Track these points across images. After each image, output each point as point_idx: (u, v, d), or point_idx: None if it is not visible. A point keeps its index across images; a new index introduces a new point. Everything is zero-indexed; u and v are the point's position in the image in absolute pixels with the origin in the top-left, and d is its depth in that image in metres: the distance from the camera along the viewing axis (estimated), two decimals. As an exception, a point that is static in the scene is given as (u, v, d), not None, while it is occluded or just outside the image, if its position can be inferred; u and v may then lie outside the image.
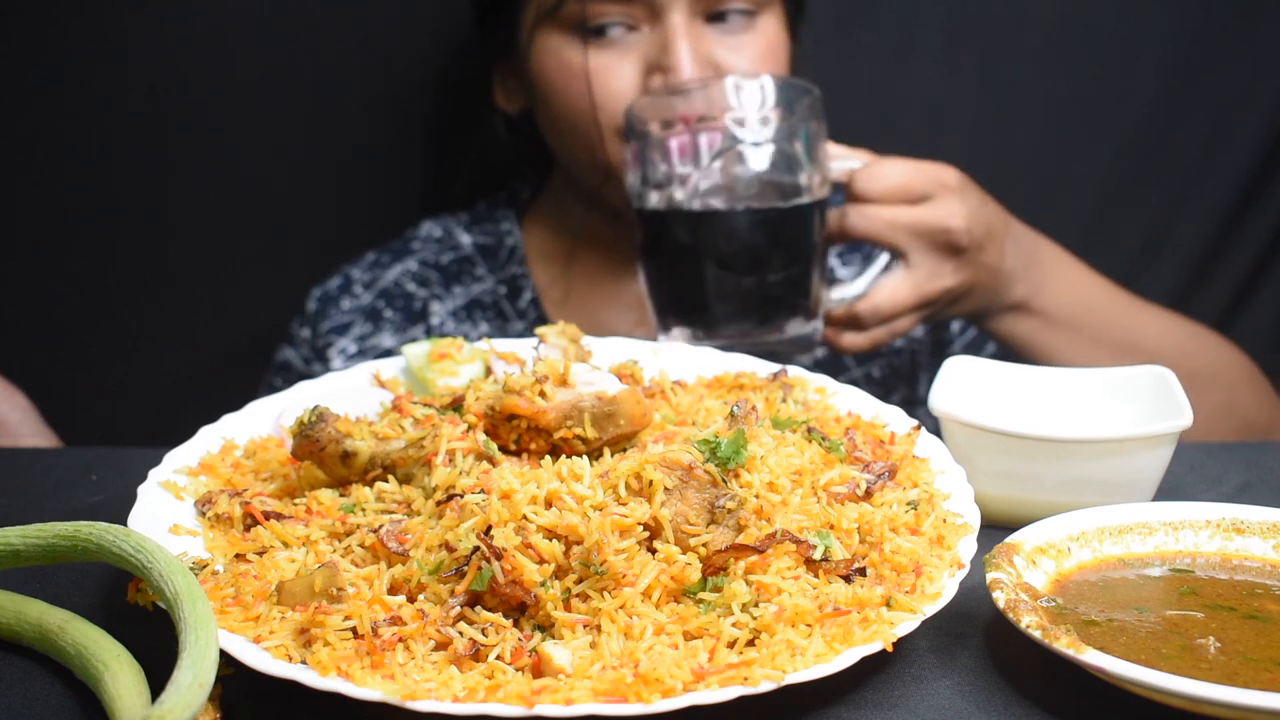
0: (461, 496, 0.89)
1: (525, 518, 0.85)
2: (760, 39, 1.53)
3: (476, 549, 0.83)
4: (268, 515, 0.93)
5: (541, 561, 0.83)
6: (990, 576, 0.87)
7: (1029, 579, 0.89)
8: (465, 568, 0.83)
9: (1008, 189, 1.87)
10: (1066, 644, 0.79)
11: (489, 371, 1.13)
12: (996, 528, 0.98)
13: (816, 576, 0.86)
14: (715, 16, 1.51)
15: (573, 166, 1.62)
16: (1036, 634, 0.80)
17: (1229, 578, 0.92)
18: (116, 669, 0.79)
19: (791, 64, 1.60)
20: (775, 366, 1.18)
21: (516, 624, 0.82)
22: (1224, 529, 0.96)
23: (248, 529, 0.93)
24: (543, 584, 0.82)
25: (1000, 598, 0.84)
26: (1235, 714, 0.75)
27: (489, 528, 0.84)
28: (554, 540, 0.85)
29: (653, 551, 0.86)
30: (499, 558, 0.81)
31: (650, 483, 0.86)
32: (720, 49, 1.51)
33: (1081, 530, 0.94)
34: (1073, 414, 1.15)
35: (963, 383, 1.14)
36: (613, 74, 1.51)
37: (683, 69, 1.46)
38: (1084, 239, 1.78)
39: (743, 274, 1.37)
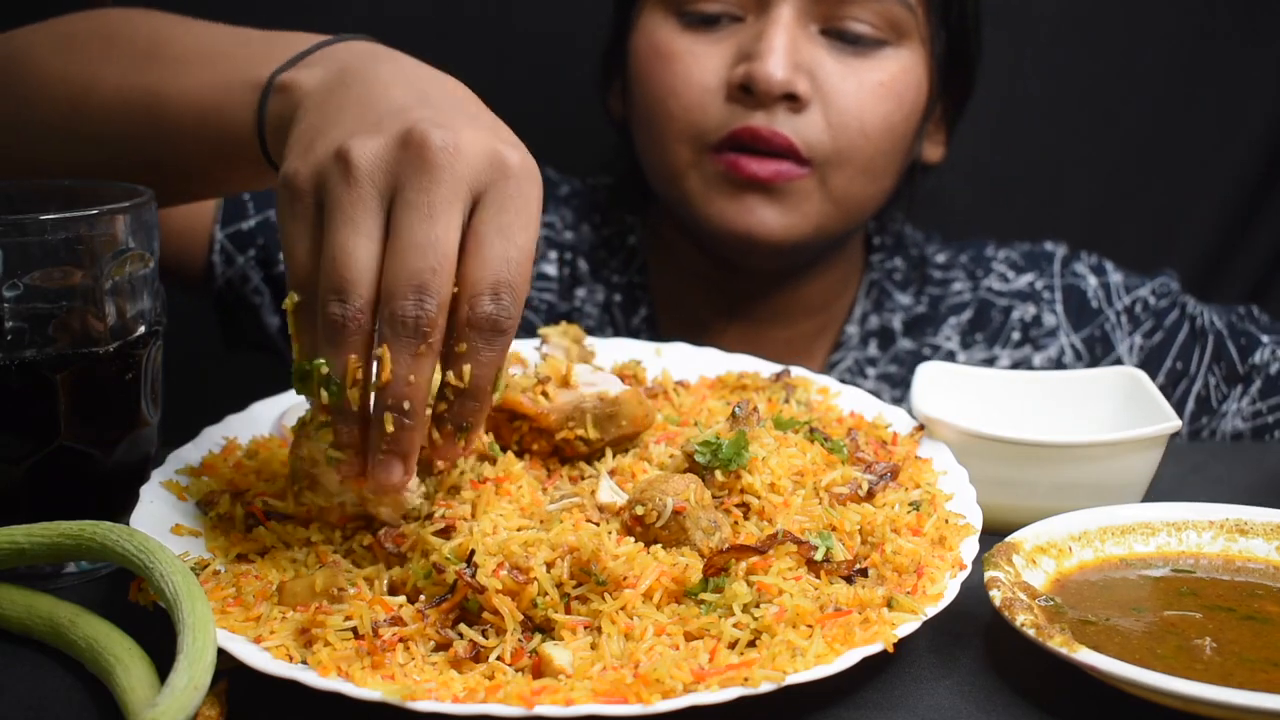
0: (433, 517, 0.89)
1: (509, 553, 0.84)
2: (879, 71, 1.37)
3: (460, 574, 0.83)
4: (269, 515, 0.94)
5: (531, 582, 0.82)
6: (988, 575, 0.87)
7: (1028, 578, 0.89)
8: (450, 596, 0.82)
9: (1013, 185, 1.89)
10: (1060, 643, 0.79)
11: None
12: (988, 533, 0.98)
13: (818, 577, 0.86)
14: (834, 34, 1.37)
15: (649, 174, 1.48)
16: (1030, 632, 0.80)
17: (1230, 579, 0.92)
18: (129, 662, 0.80)
19: (940, 117, 1.47)
20: (778, 367, 1.18)
21: (517, 625, 0.82)
22: (1227, 530, 0.96)
23: (249, 529, 0.93)
24: (534, 604, 0.82)
25: (996, 596, 0.84)
26: (1228, 714, 0.75)
27: (471, 553, 0.84)
28: (546, 549, 0.85)
29: (654, 543, 0.86)
30: (480, 592, 0.81)
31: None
32: (829, 62, 1.36)
33: (1084, 530, 0.94)
34: (1049, 417, 1.16)
35: (939, 388, 1.14)
36: (698, 61, 1.38)
37: (770, 56, 1.32)
38: (1092, 232, 1.78)
39: None
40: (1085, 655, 0.78)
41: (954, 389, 1.16)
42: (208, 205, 1.47)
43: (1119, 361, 1.53)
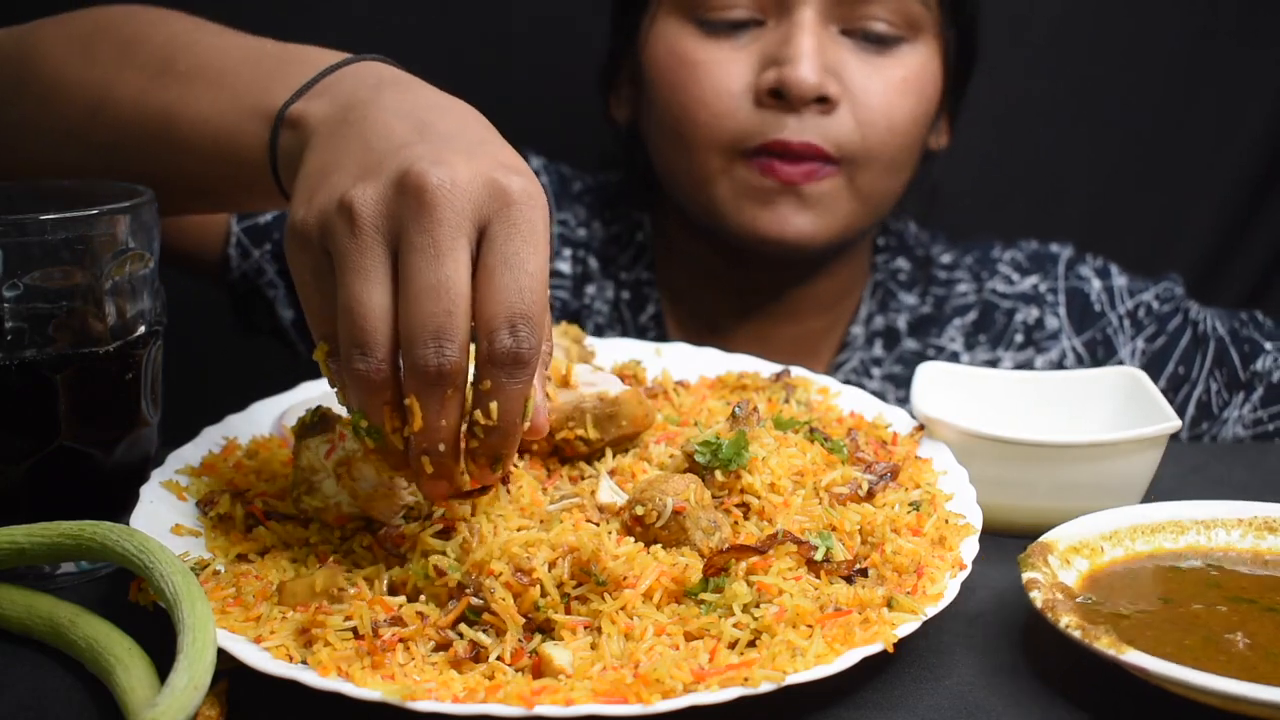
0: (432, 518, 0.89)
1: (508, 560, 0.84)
2: (901, 67, 1.39)
3: (461, 584, 0.83)
4: (269, 515, 0.94)
5: (534, 584, 0.82)
6: (1027, 576, 0.87)
7: (1063, 578, 0.89)
8: (455, 603, 0.82)
9: (1014, 186, 1.89)
10: (1107, 644, 0.79)
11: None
12: (988, 533, 0.98)
13: (818, 577, 0.86)
14: (854, 33, 1.39)
15: (671, 182, 1.48)
16: (1076, 634, 0.80)
17: (1253, 573, 0.92)
18: (129, 662, 0.80)
19: (943, 106, 1.48)
20: (778, 367, 1.18)
21: (517, 625, 0.82)
22: (1255, 527, 0.96)
23: (249, 529, 0.93)
24: (536, 606, 0.82)
25: (1038, 597, 0.84)
26: (1267, 712, 0.76)
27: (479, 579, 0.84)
28: (546, 549, 0.85)
29: (654, 543, 0.86)
30: (486, 609, 0.81)
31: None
32: (853, 62, 1.38)
33: (1114, 529, 0.94)
34: (1049, 417, 1.16)
35: (939, 388, 1.14)
36: (723, 68, 1.38)
37: (802, 61, 1.33)
38: (1092, 233, 1.78)
39: None
40: (1133, 656, 0.78)
41: (954, 389, 1.16)
42: None
43: (1121, 365, 1.52)
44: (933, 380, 1.15)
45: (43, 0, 1.19)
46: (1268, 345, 1.48)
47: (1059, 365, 1.54)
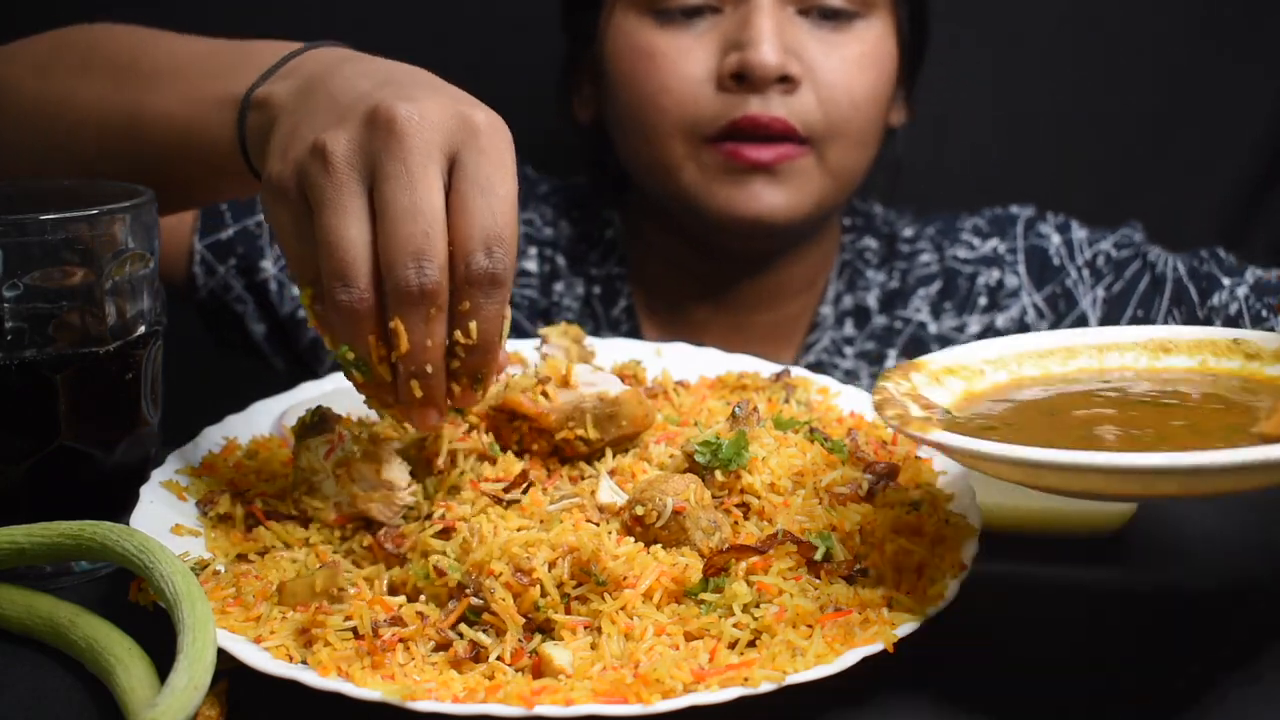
0: (431, 519, 0.89)
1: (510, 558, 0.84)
2: (858, 43, 1.42)
3: (461, 584, 0.83)
4: (269, 515, 0.94)
5: (534, 584, 0.82)
6: (878, 384, 0.85)
7: (928, 394, 0.86)
8: (455, 603, 0.82)
9: (1013, 186, 1.89)
10: (916, 428, 0.78)
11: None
12: (988, 533, 0.97)
13: (818, 577, 0.86)
14: (810, 12, 1.41)
15: (639, 173, 1.50)
16: (895, 424, 0.80)
17: (1152, 386, 0.88)
18: (129, 662, 0.80)
19: (900, 81, 1.50)
20: (778, 367, 1.18)
21: (517, 625, 0.82)
22: (1151, 349, 0.93)
23: (249, 529, 0.94)
24: (536, 606, 0.82)
25: (876, 399, 0.83)
26: (1083, 481, 0.72)
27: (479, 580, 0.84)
28: (546, 549, 0.85)
29: (655, 543, 0.86)
30: (486, 609, 0.81)
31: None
32: (811, 41, 1.40)
33: (999, 354, 0.92)
34: None
35: None
36: (684, 56, 1.40)
37: (763, 43, 1.36)
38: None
39: None
40: (937, 436, 0.76)
41: None
42: (186, 217, 1.49)
43: (1083, 316, 1.53)
44: None
45: (38, 14, 1.20)
46: (1225, 280, 1.46)
47: (1020, 322, 1.56)
